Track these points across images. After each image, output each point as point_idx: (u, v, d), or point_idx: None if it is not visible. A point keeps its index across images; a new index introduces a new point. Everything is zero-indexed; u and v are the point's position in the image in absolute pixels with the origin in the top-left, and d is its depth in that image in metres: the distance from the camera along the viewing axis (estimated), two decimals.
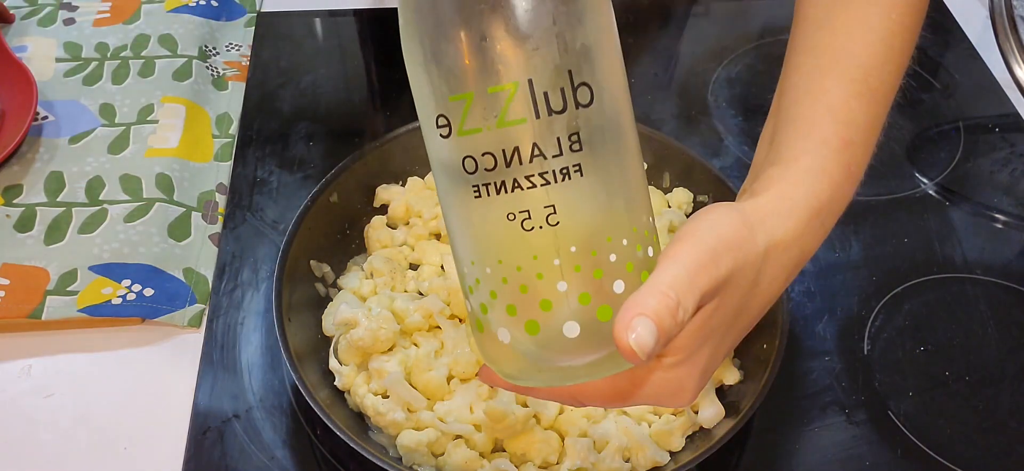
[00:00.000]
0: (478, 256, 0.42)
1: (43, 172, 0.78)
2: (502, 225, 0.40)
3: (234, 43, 0.95)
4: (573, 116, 0.39)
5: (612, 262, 0.41)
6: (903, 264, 0.77)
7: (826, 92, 0.49)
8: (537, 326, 0.41)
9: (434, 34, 0.39)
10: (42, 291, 0.70)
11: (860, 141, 0.49)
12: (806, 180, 0.47)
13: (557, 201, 0.39)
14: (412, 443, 0.60)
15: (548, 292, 0.41)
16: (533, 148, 0.39)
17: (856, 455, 0.65)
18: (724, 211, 0.44)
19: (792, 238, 0.45)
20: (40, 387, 0.66)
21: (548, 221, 0.40)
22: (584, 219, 0.40)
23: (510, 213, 0.40)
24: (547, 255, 0.40)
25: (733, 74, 0.96)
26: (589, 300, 0.40)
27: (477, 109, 0.39)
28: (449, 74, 0.39)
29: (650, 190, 0.75)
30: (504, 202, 0.40)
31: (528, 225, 0.40)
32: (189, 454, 0.63)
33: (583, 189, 0.40)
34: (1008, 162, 0.88)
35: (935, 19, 1.04)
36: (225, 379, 0.67)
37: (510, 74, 0.38)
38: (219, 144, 0.84)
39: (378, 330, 0.63)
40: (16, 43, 0.90)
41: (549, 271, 0.40)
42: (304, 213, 0.68)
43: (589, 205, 0.40)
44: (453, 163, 0.40)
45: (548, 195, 0.39)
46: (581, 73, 0.39)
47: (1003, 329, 0.73)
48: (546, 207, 0.39)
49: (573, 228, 0.40)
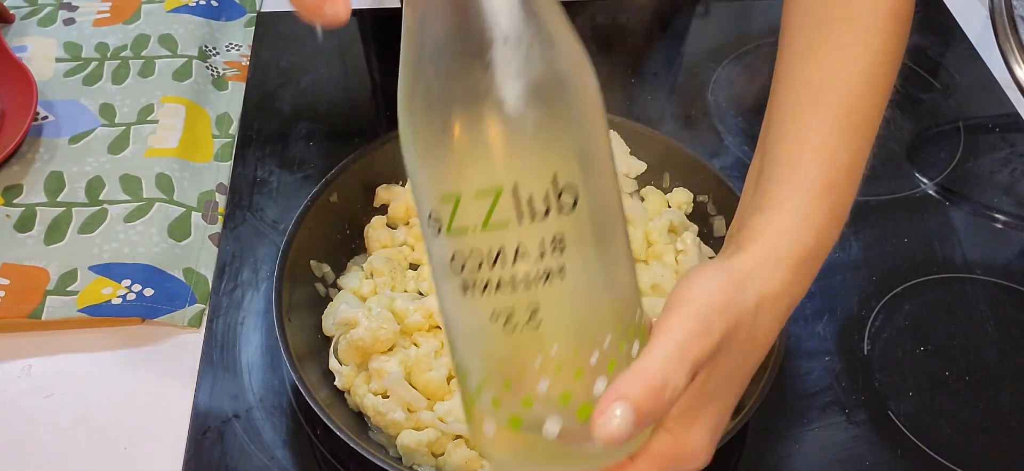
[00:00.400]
0: (466, 349, 0.43)
1: (43, 172, 0.78)
2: (487, 323, 0.40)
3: (234, 43, 0.95)
4: (557, 220, 0.39)
5: (594, 363, 0.41)
6: (903, 264, 0.77)
7: (808, 131, 0.49)
8: (519, 422, 0.42)
9: (425, 136, 0.40)
10: (42, 291, 0.70)
11: (844, 182, 0.49)
12: (791, 229, 0.47)
13: (539, 303, 0.40)
14: (412, 443, 0.60)
15: (530, 390, 0.41)
16: (517, 250, 0.39)
17: (856, 455, 0.65)
18: (713, 273, 0.44)
19: (782, 289, 0.45)
20: (40, 387, 0.66)
21: (530, 322, 0.40)
22: (566, 320, 0.41)
23: (494, 312, 0.40)
24: (529, 354, 0.40)
25: (733, 74, 0.96)
26: (570, 400, 0.41)
27: (464, 210, 0.39)
28: (439, 175, 0.40)
29: (650, 190, 0.76)
30: (489, 301, 0.40)
31: (511, 324, 0.40)
32: (189, 454, 0.63)
33: (566, 291, 0.40)
34: (1008, 162, 0.88)
35: (935, 19, 1.04)
36: (225, 379, 0.67)
37: (495, 179, 0.38)
38: (219, 144, 0.84)
39: (378, 330, 0.63)
40: (16, 43, 0.90)
41: (531, 370, 0.41)
42: (304, 213, 0.68)
43: (572, 307, 0.41)
44: (443, 259, 0.41)
45: (530, 297, 0.40)
46: (566, 177, 0.39)
47: (1003, 329, 0.73)
48: (529, 308, 0.40)
49: (555, 329, 0.40)
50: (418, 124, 0.40)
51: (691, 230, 0.73)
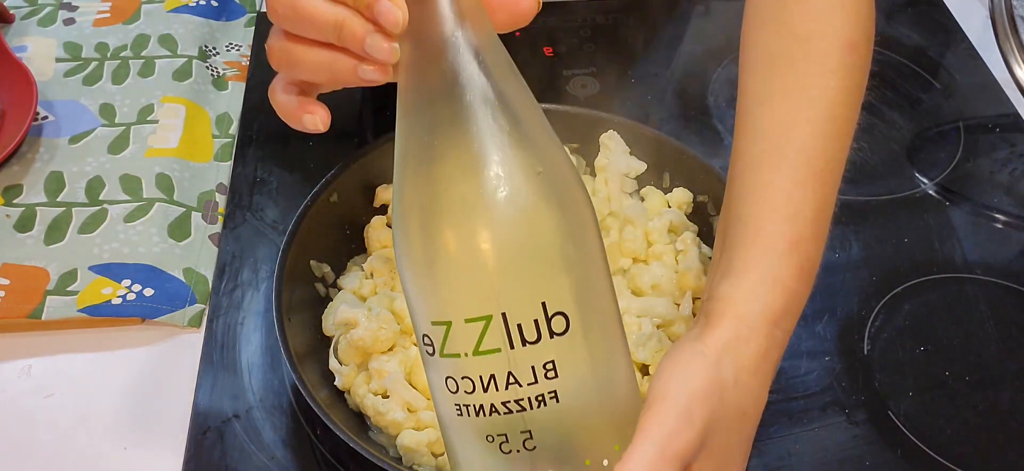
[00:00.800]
0: (463, 465, 0.43)
1: (43, 172, 0.78)
2: (482, 444, 0.41)
3: (234, 43, 0.95)
4: (547, 345, 0.39)
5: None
6: (903, 264, 0.77)
7: (769, 188, 0.49)
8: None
9: (417, 263, 0.40)
10: (42, 291, 0.70)
11: (809, 234, 0.49)
12: (759, 294, 0.46)
13: (533, 427, 0.40)
14: (412, 443, 0.60)
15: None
16: (508, 376, 0.39)
17: (856, 455, 0.65)
18: (688, 359, 0.44)
19: (759, 358, 0.45)
20: (40, 387, 0.66)
21: (524, 445, 0.40)
22: (561, 444, 0.41)
23: (488, 435, 0.40)
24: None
25: (733, 74, 0.96)
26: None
27: (455, 336, 0.39)
28: (430, 300, 0.40)
29: (650, 190, 0.76)
30: (483, 424, 0.40)
31: (506, 448, 0.40)
32: (189, 454, 0.63)
33: (559, 415, 0.40)
34: (1008, 162, 0.88)
35: (935, 19, 1.04)
36: (225, 379, 0.67)
37: (484, 307, 0.38)
38: (219, 144, 0.84)
39: (378, 330, 0.63)
40: (16, 43, 0.90)
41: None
42: (304, 213, 0.68)
43: (566, 430, 0.41)
44: (437, 380, 0.41)
45: (524, 421, 0.40)
46: (556, 303, 0.39)
47: (1003, 329, 0.73)
48: (522, 432, 0.40)
49: (550, 452, 0.40)
50: (409, 249, 0.40)
51: (691, 230, 0.73)
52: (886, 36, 1.01)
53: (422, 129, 0.40)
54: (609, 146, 0.76)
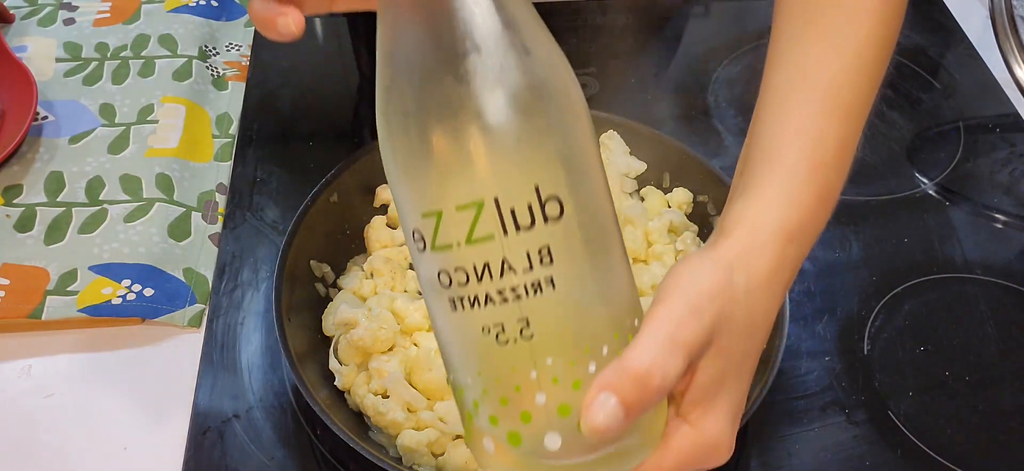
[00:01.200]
0: (460, 367, 0.42)
1: (43, 172, 0.78)
2: (478, 338, 0.40)
3: (234, 43, 0.95)
4: (542, 230, 0.38)
5: (592, 372, 0.40)
6: (903, 264, 0.77)
7: (794, 113, 0.49)
8: (519, 438, 0.41)
9: (404, 154, 0.39)
10: (42, 291, 0.70)
11: (831, 163, 0.49)
12: (775, 210, 0.46)
13: (530, 315, 0.39)
14: (412, 443, 0.60)
15: (527, 404, 0.40)
16: (503, 264, 0.38)
17: (856, 455, 0.65)
18: (698, 261, 0.44)
19: (771, 271, 0.45)
20: (40, 387, 0.66)
21: (522, 334, 0.39)
22: (559, 331, 0.40)
23: (484, 327, 0.40)
24: (523, 368, 0.40)
25: (733, 74, 0.96)
26: (569, 412, 0.40)
27: (447, 226, 0.39)
28: (420, 192, 0.39)
29: (650, 190, 0.76)
30: (478, 316, 0.39)
31: (503, 338, 0.40)
32: (189, 454, 0.63)
33: (557, 302, 0.39)
34: (1008, 162, 0.88)
35: (935, 19, 1.04)
36: (225, 379, 0.67)
37: (476, 192, 0.38)
38: (219, 144, 0.84)
39: (378, 330, 0.63)
40: (16, 43, 0.90)
41: (527, 384, 0.40)
42: (304, 213, 0.68)
43: (564, 317, 0.40)
44: (430, 276, 0.40)
45: (520, 309, 0.39)
46: (549, 187, 0.38)
47: (1003, 329, 0.73)
48: (519, 321, 0.39)
49: (548, 340, 0.40)
50: (396, 141, 0.39)
51: (691, 230, 0.73)
52: None
53: (404, 19, 0.38)
54: (609, 146, 0.76)
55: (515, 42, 0.38)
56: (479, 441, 0.43)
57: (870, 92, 0.51)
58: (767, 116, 0.50)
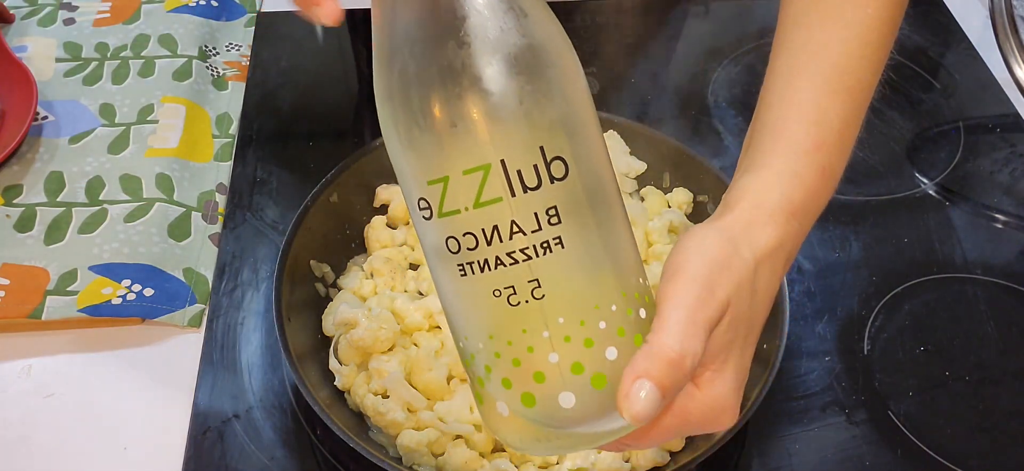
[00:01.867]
0: (470, 332, 0.42)
1: (43, 172, 0.78)
2: (489, 302, 0.40)
3: (234, 43, 0.95)
4: (549, 191, 0.39)
5: (602, 329, 0.41)
6: (903, 264, 0.77)
7: (798, 92, 0.50)
8: (533, 399, 0.41)
9: (407, 122, 0.39)
10: (42, 291, 0.70)
11: (834, 141, 0.49)
12: (778, 185, 0.47)
13: (540, 275, 0.40)
14: (412, 443, 0.60)
15: (540, 365, 0.41)
16: (511, 225, 0.39)
17: (856, 455, 0.65)
18: (704, 233, 0.44)
19: (775, 244, 0.46)
20: (40, 387, 0.66)
21: (533, 295, 0.40)
22: (569, 290, 0.40)
23: (495, 290, 0.40)
24: (535, 328, 0.40)
25: (733, 74, 0.96)
26: (582, 370, 0.41)
27: (454, 192, 0.39)
28: (425, 159, 0.39)
29: (650, 190, 0.76)
30: (489, 279, 0.40)
31: (514, 300, 0.40)
32: (189, 454, 0.63)
33: (566, 261, 0.40)
34: (1008, 162, 0.88)
35: (935, 19, 1.04)
36: (225, 379, 0.67)
37: (482, 156, 0.38)
38: (219, 144, 0.84)
39: (378, 330, 0.63)
40: (16, 43, 0.90)
41: (539, 344, 0.40)
42: (304, 213, 0.68)
43: (573, 276, 0.40)
44: (437, 243, 0.41)
45: (531, 270, 0.39)
46: (553, 148, 0.39)
47: (1003, 329, 0.73)
48: (530, 281, 0.40)
49: (559, 300, 0.40)
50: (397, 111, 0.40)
51: None
52: None
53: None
54: (609, 146, 0.76)
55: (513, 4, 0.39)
56: (492, 407, 0.43)
57: (875, 73, 0.52)
58: (772, 95, 0.51)
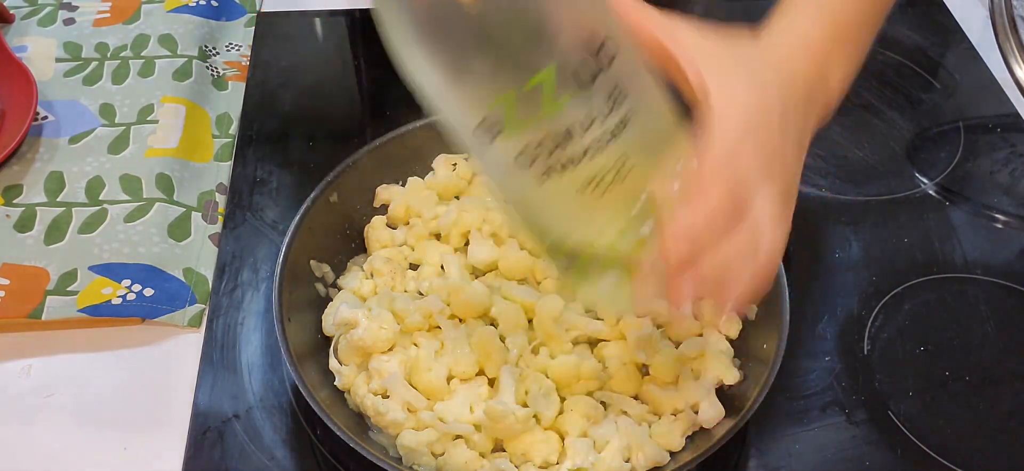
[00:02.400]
0: (554, 224, 0.44)
1: (43, 172, 0.78)
2: (575, 198, 0.42)
3: (234, 43, 0.95)
4: (608, 74, 0.41)
5: (679, 171, 0.44)
6: (903, 264, 0.77)
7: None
8: (625, 267, 0.44)
9: (456, 56, 0.40)
10: (42, 291, 0.70)
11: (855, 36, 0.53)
12: (802, 26, 0.51)
13: (624, 150, 0.42)
14: (412, 443, 0.60)
15: (632, 227, 0.44)
16: (585, 118, 0.41)
17: (856, 455, 0.65)
18: (746, 62, 0.49)
19: (812, 78, 0.50)
20: (40, 387, 0.66)
21: (619, 174, 0.42)
22: (649, 156, 0.43)
23: (584, 183, 0.42)
24: (627, 204, 0.43)
25: None
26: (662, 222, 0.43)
27: (520, 105, 0.40)
28: (483, 84, 0.40)
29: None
30: (574, 175, 0.42)
31: (602, 185, 0.42)
32: (189, 454, 0.63)
33: (640, 129, 0.42)
34: (1008, 162, 0.88)
35: (935, 19, 1.04)
36: (225, 379, 0.67)
37: (542, 63, 0.39)
38: (219, 144, 0.84)
39: (378, 330, 0.63)
40: (16, 43, 0.90)
41: (625, 216, 0.43)
42: (304, 213, 0.68)
43: (649, 140, 0.43)
44: (505, 160, 0.42)
45: (616, 151, 0.42)
46: (601, 32, 0.41)
47: (1003, 329, 0.73)
48: (616, 163, 0.42)
49: (642, 168, 0.43)
50: (443, 52, 0.40)
51: None
52: (886, 36, 1.01)
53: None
54: None
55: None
56: (593, 285, 0.46)
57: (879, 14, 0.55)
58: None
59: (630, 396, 0.64)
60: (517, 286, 0.68)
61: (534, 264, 0.70)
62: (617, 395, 0.63)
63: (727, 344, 0.67)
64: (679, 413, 0.62)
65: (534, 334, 0.66)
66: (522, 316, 0.66)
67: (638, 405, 0.63)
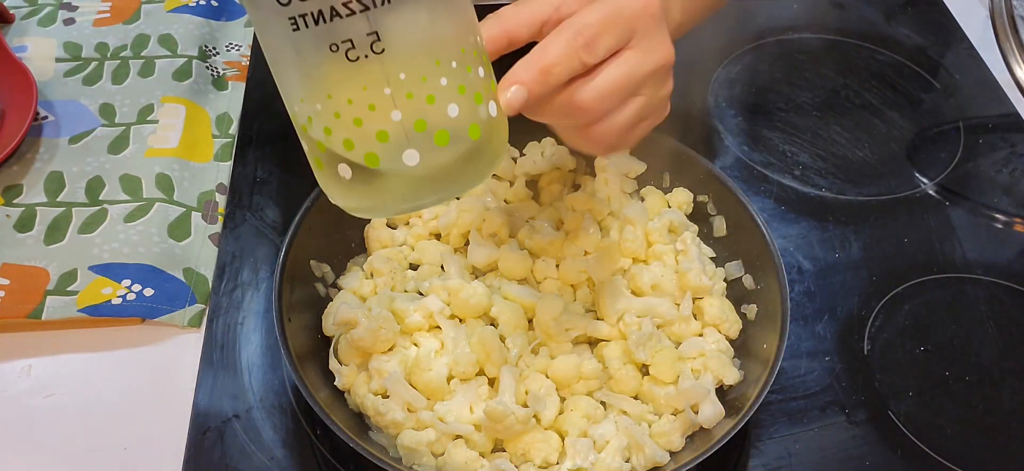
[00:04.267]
0: (307, 93, 0.41)
1: (43, 172, 0.78)
2: (326, 57, 0.40)
3: (234, 43, 0.95)
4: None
5: (444, 86, 0.41)
6: (903, 264, 0.77)
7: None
8: (377, 158, 0.41)
9: None
10: (42, 291, 0.70)
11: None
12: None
13: (380, 27, 0.39)
14: (412, 443, 0.60)
15: (383, 122, 0.40)
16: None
17: (856, 455, 0.65)
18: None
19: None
20: (40, 387, 0.66)
21: (373, 49, 0.39)
22: (410, 44, 0.40)
23: (333, 44, 0.39)
24: (377, 85, 0.40)
25: (733, 74, 0.96)
26: (425, 126, 0.41)
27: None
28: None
29: (650, 190, 0.76)
30: (325, 32, 0.39)
31: (353, 55, 0.39)
32: (189, 454, 0.63)
33: (405, 13, 0.39)
34: (1008, 162, 0.88)
35: (935, 19, 1.04)
36: (225, 379, 0.67)
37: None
38: (219, 144, 0.84)
39: (378, 330, 0.63)
40: (16, 43, 0.90)
41: (381, 101, 0.40)
42: (304, 213, 0.68)
43: (413, 28, 0.40)
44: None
45: (369, 21, 0.39)
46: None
47: (1003, 329, 0.73)
48: (369, 34, 0.39)
49: (400, 54, 0.40)
50: None
51: (691, 230, 0.73)
52: (886, 36, 1.01)
53: None
54: None
55: None
56: (332, 169, 0.42)
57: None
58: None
59: (630, 396, 0.64)
60: (517, 286, 0.68)
61: (534, 264, 0.70)
62: (617, 395, 0.63)
63: (727, 344, 0.67)
64: (679, 413, 0.62)
65: (534, 334, 0.66)
66: (522, 316, 0.66)
67: (638, 405, 0.63)
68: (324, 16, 0.39)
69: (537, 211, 0.75)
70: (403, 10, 0.39)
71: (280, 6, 0.39)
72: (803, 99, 0.93)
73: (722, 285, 0.70)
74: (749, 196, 0.70)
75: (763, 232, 0.68)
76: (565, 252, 0.70)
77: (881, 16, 1.04)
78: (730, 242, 0.72)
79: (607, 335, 0.66)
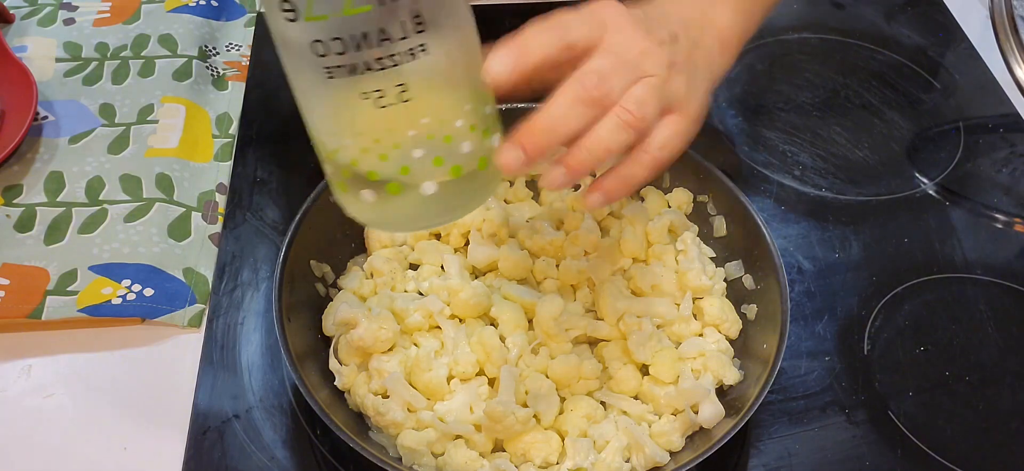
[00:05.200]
0: (336, 128, 0.47)
1: (43, 172, 0.78)
2: (357, 103, 0.44)
3: (234, 43, 0.95)
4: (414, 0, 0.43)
5: (459, 127, 0.46)
6: (903, 264, 0.77)
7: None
8: (399, 188, 0.47)
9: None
10: (42, 291, 0.70)
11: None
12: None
13: (407, 79, 0.44)
14: (412, 443, 0.60)
15: (406, 159, 0.46)
16: (380, 32, 0.43)
17: (856, 455, 0.65)
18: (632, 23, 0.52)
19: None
20: (40, 387, 0.66)
21: (400, 98, 0.44)
22: (433, 92, 0.45)
23: (364, 93, 0.44)
24: (402, 128, 0.45)
25: (733, 74, 0.95)
26: (442, 162, 0.46)
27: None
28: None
29: (650, 190, 0.76)
30: (357, 83, 0.44)
31: (382, 102, 0.44)
32: (189, 454, 0.63)
33: (430, 66, 0.44)
34: (1008, 162, 0.88)
35: (935, 19, 1.04)
36: (225, 379, 0.67)
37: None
38: (219, 144, 0.84)
39: (378, 330, 0.63)
40: (16, 43, 0.90)
41: (405, 141, 0.46)
42: (304, 213, 0.68)
43: (437, 80, 0.45)
44: (301, 46, 0.44)
45: (399, 75, 0.44)
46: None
47: (1003, 329, 0.73)
48: (398, 85, 0.44)
49: (424, 102, 0.45)
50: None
51: (691, 230, 0.73)
52: (886, 36, 1.01)
53: None
54: None
55: None
56: (355, 193, 0.48)
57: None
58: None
59: (630, 396, 0.64)
60: (517, 286, 0.68)
61: (534, 264, 0.70)
62: (617, 395, 0.63)
63: (727, 344, 0.67)
64: (679, 413, 0.62)
65: (534, 334, 0.66)
66: (522, 316, 0.66)
67: (638, 405, 0.63)
68: (358, 69, 0.43)
69: (537, 211, 0.75)
70: (428, 64, 0.44)
71: (317, 58, 0.44)
72: (803, 99, 0.93)
73: (722, 285, 0.70)
74: (749, 196, 0.70)
75: (763, 232, 0.68)
76: (565, 252, 0.70)
77: (881, 16, 1.04)
78: (730, 242, 0.72)
79: (607, 335, 0.66)
